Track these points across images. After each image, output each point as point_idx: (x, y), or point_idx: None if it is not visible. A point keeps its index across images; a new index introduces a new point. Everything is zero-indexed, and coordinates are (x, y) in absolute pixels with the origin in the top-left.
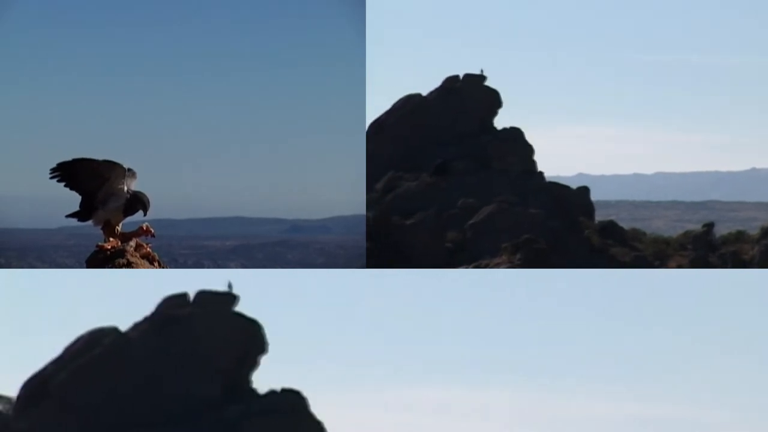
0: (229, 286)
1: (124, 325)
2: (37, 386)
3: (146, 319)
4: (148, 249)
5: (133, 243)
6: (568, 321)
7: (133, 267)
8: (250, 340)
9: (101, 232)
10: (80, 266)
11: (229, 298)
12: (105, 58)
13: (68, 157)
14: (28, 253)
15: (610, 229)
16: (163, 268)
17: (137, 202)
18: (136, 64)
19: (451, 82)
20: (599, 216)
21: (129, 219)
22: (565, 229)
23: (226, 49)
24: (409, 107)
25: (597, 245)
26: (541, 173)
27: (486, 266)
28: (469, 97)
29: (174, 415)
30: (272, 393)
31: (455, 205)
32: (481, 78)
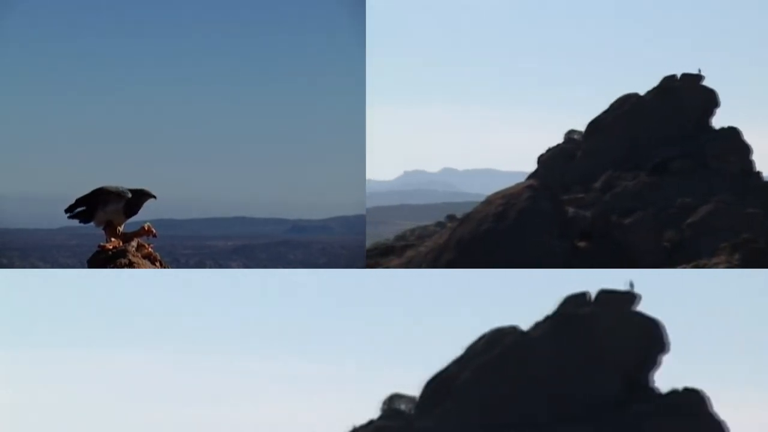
0: (631, 285)
1: (525, 325)
2: (439, 385)
3: (547, 319)
4: (150, 249)
5: (134, 243)
6: None
7: (134, 267)
8: (651, 339)
9: (103, 232)
10: (82, 266)
11: (630, 297)
12: (108, 59)
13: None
14: (31, 253)
15: None
16: (164, 268)
17: (141, 195)
18: (138, 66)
19: (669, 82)
20: None
21: (134, 219)
22: None
23: (227, 50)
24: (626, 107)
25: None
26: (758, 173)
27: (704, 266)
28: (686, 97)
29: (575, 415)
30: (673, 392)
31: (673, 205)
32: (699, 78)
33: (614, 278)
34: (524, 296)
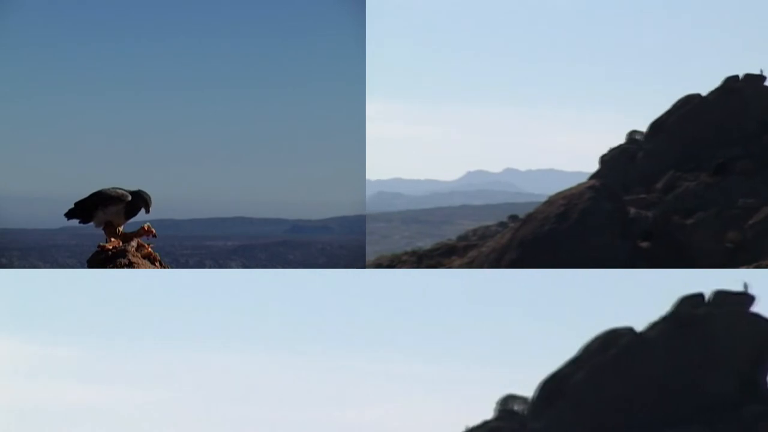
0: (746, 286)
1: (639, 326)
2: (554, 386)
3: (663, 320)
4: (150, 249)
5: (134, 243)
6: None
7: (134, 267)
8: (767, 340)
9: (103, 232)
10: (82, 266)
11: (746, 298)
12: (109, 59)
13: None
14: (31, 253)
15: None
16: (164, 268)
17: (139, 200)
18: (138, 66)
19: (731, 82)
20: None
21: (133, 219)
22: None
23: (227, 50)
24: (688, 107)
25: None
26: None
27: (767, 266)
28: (748, 98)
29: (689, 415)
30: None
31: (735, 205)
32: (761, 78)
33: (730, 278)
34: (637, 297)
